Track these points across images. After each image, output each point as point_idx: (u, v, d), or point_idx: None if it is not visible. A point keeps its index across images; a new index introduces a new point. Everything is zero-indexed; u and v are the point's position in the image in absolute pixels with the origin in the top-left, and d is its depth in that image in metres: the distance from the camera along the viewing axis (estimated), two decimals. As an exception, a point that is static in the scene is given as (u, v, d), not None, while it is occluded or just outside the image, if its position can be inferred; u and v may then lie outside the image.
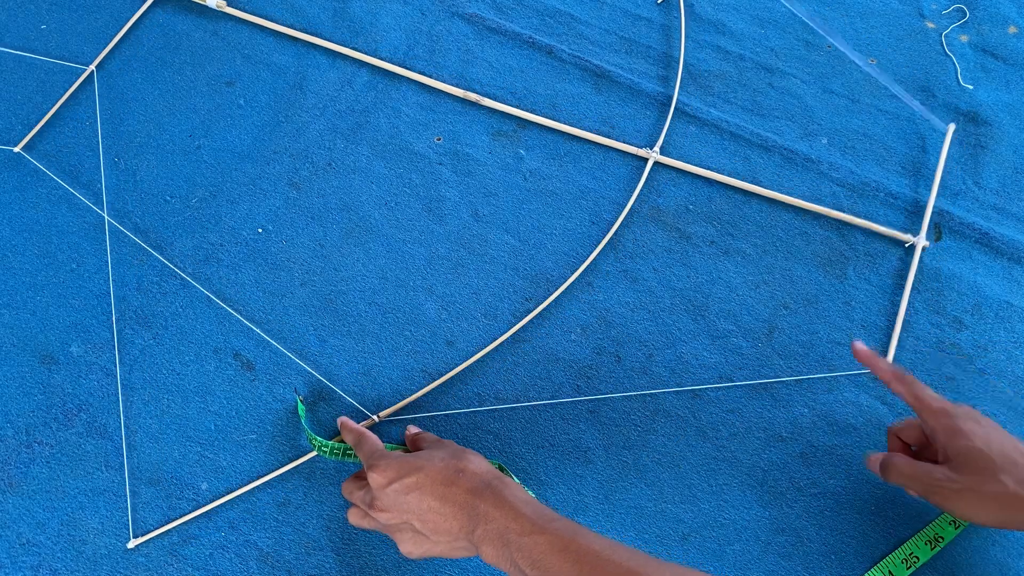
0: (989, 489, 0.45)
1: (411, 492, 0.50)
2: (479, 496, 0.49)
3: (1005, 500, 0.44)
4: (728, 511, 0.62)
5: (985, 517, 0.46)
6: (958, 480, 0.46)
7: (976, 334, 0.70)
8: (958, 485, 0.46)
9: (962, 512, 0.47)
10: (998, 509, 0.45)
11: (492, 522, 0.47)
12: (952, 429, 0.49)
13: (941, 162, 0.77)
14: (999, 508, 0.45)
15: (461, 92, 0.81)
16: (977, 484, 0.45)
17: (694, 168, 0.77)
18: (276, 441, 0.64)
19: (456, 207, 0.76)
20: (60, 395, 0.66)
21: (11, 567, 0.59)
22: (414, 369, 0.68)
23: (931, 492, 0.48)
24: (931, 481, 0.48)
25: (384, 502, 0.51)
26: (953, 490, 0.46)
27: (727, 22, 0.88)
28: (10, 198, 0.75)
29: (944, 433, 0.49)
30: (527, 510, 0.48)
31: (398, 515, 0.51)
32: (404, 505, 0.50)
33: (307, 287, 0.71)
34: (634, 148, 0.78)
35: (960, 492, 0.46)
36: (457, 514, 0.49)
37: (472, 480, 0.50)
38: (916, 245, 0.72)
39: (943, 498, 0.47)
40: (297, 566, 0.60)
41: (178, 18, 0.87)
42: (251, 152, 0.79)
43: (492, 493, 0.49)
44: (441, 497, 0.50)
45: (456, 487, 0.50)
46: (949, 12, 0.90)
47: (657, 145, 0.78)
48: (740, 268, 0.73)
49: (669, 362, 0.68)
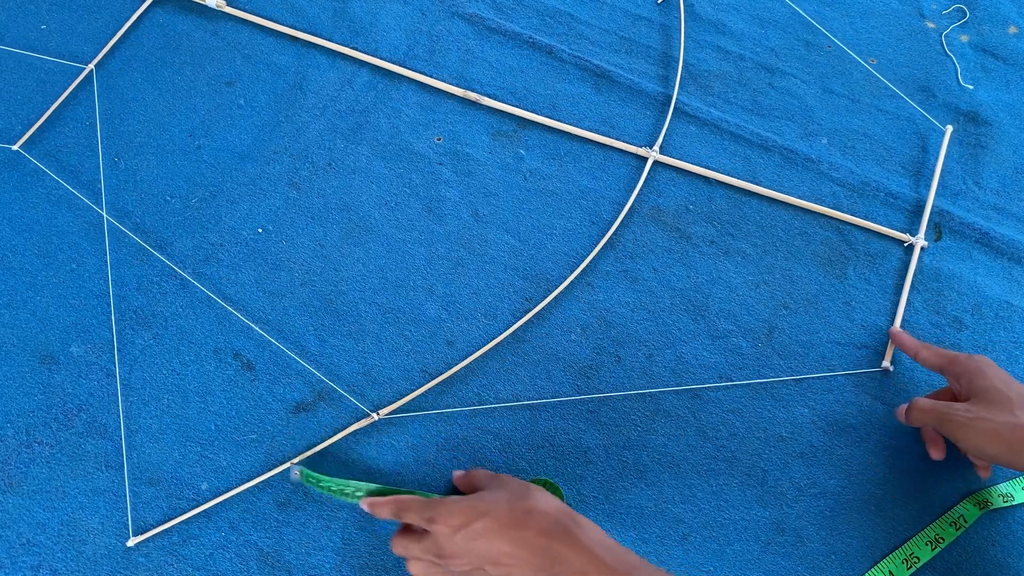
0: (1002, 420, 0.48)
1: (480, 538, 0.48)
2: (553, 537, 0.47)
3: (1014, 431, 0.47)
4: (728, 511, 0.62)
5: (992, 448, 0.49)
6: (973, 410, 0.49)
7: (976, 334, 0.70)
8: (972, 414, 0.49)
9: (972, 441, 0.50)
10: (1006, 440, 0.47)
11: (568, 564, 0.46)
12: (976, 371, 0.53)
13: (939, 163, 0.77)
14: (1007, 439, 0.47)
15: (461, 92, 0.81)
16: (992, 414, 0.48)
17: (694, 167, 0.77)
18: (276, 441, 0.64)
19: (456, 207, 0.76)
20: (60, 395, 0.66)
21: (11, 567, 0.59)
22: (414, 369, 0.68)
23: (946, 421, 0.51)
24: (949, 411, 0.51)
25: (453, 549, 0.49)
26: (968, 418, 0.49)
27: (727, 22, 0.88)
28: (10, 198, 0.75)
29: (968, 376, 0.53)
30: (606, 556, 0.46)
31: (470, 561, 0.49)
32: (475, 551, 0.48)
33: (307, 287, 0.71)
34: (634, 147, 0.78)
35: (973, 420, 0.48)
36: (531, 558, 0.47)
37: (543, 520, 0.48)
38: (915, 245, 0.72)
39: (957, 426, 0.50)
40: (297, 566, 0.60)
41: (178, 18, 0.87)
42: (251, 152, 0.79)
43: (566, 534, 0.47)
44: (513, 541, 0.47)
45: (527, 529, 0.47)
46: (949, 12, 0.90)
47: (657, 144, 0.78)
48: (740, 268, 0.73)
49: (669, 362, 0.68)
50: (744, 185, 0.76)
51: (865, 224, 0.74)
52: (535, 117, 0.80)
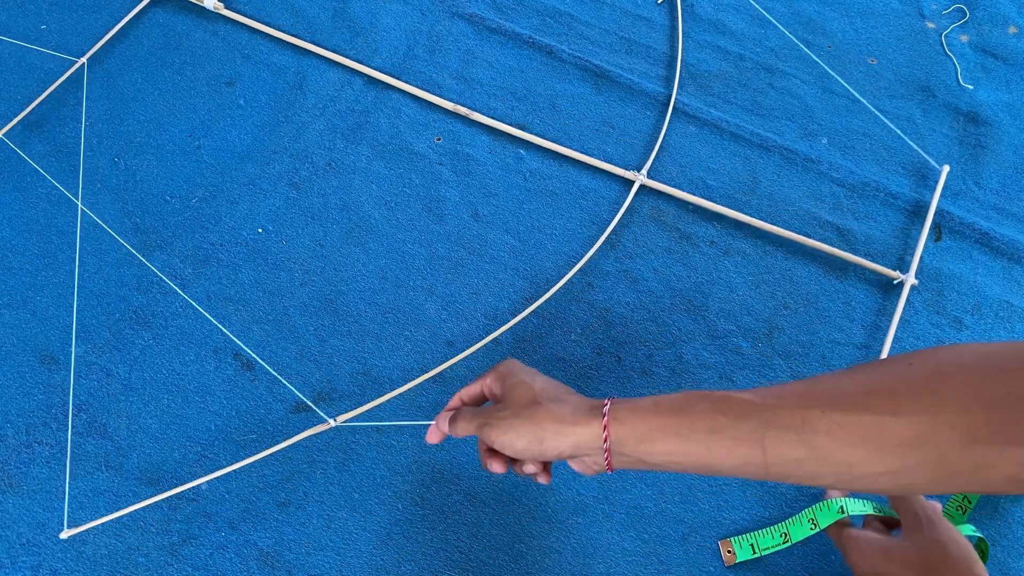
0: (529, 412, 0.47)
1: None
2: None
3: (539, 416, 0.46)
4: (728, 511, 0.62)
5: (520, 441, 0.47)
6: (506, 408, 0.48)
7: (976, 334, 0.70)
8: (506, 412, 0.48)
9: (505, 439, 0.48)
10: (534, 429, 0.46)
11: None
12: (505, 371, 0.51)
13: (934, 202, 0.76)
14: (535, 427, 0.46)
15: (451, 105, 0.80)
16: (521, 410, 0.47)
17: (680, 193, 0.76)
18: (276, 441, 0.64)
19: (456, 207, 0.76)
20: (60, 395, 0.66)
21: (11, 567, 0.59)
22: (414, 369, 0.68)
23: (484, 427, 0.49)
24: (484, 416, 0.49)
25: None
26: (500, 418, 0.48)
27: (727, 22, 0.88)
28: (10, 198, 0.75)
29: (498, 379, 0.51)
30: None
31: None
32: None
33: (307, 287, 0.71)
34: (622, 170, 0.77)
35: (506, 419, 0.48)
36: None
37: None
38: (905, 283, 0.71)
39: (491, 428, 0.48)
40: (297, 566, 0.60)
41: (177, 18, 0.87)
42: (251, 152, 0.79)
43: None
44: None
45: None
46: (949, 12, 0.90)
47: (645, 168, 0.76)
48: (740, 268, 0.73)
49: (669, 362, 0.68)
50: (733, 215, 0.74)
51: (856, 260, 0.72)
52: (528, 136, 0.79)
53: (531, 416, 0.46)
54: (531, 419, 0.46)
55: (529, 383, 0.49)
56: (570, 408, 0.46)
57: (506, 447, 0.48)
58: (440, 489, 0.63)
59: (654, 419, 0.43)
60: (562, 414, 0.46)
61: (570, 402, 0.47)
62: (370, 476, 0.63)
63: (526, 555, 0.60)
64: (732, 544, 0.61)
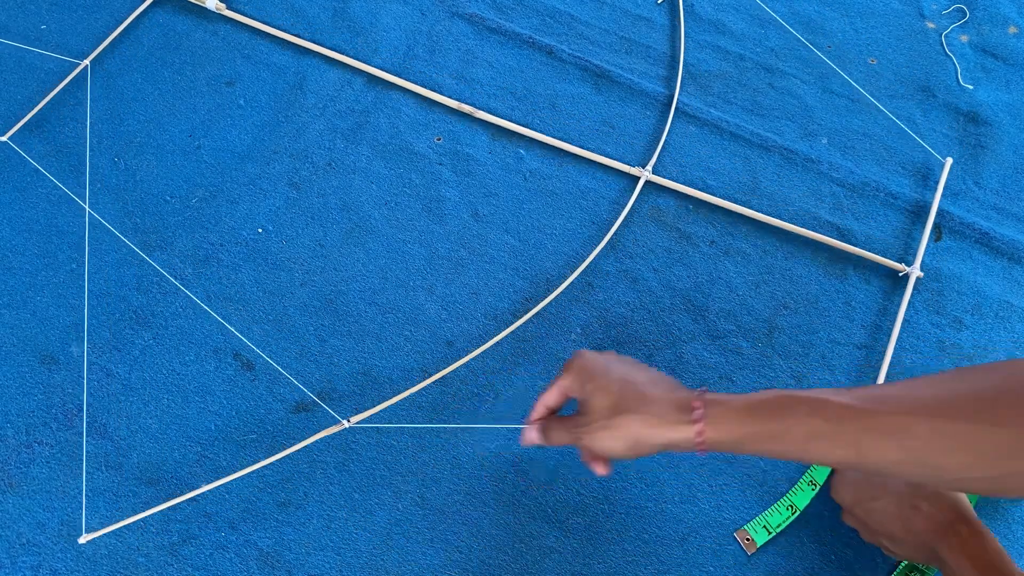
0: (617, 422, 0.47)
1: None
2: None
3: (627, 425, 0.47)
4: (728, 511, 0.62)
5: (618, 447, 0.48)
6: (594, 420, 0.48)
7: (976, 334, 0.70)
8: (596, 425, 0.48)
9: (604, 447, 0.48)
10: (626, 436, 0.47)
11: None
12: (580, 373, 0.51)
13: (937, 195, 0.76)
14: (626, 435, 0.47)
15: (456, 104, 0.80)
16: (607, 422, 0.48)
17: (686, 188, 0.76)
18: (276, 441, 0.64)
19: (456, 207, 0.76)
20: (60, 395, 0.66)
21: (11, 567, 0.59)
22: (414, 369, 0.68)
23: (580, 440, 0.50)
24: (577, 430, 0.50)
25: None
26: (592, 430, 0.48)
27: (727, 22, 0.88)
28: (10, 197, 0.75)
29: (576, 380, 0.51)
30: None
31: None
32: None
33: (307, 287, 0.71)
34: (626, 167, 0.77)
35: (596, 431, 0.48)
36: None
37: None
38: (911, 275, 0.71)
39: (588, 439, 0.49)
40: (297, 566, 0.60)
41: (178, 18, 0.87)
42: (251, 152, 0.79)
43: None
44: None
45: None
46: (949, 12, 0.90)
47: (650, 164, 0.77)
48: (740, 268, 0.73)
49: (669, 362, 0.68)
50: (737, 208, 0.75)
51: (860, 252, 0.72)
52: (530, 132, 0.80)
53: (619, 425, 0.47)
54: (620, 427, 0.47)
55: (606, 387, 0.48)
56: (657, 409, 0.46)
57: (606, 453, 0.48)
58: (440, 489, 0.63)
59: (750, 424, 0.44)
60: (649, 419, 0.46)
61: (655, 400, 0.47)
62: (370, 476, 0.63)
63: (526, 555, 0.60)
64: (748, 531, 0.61)
